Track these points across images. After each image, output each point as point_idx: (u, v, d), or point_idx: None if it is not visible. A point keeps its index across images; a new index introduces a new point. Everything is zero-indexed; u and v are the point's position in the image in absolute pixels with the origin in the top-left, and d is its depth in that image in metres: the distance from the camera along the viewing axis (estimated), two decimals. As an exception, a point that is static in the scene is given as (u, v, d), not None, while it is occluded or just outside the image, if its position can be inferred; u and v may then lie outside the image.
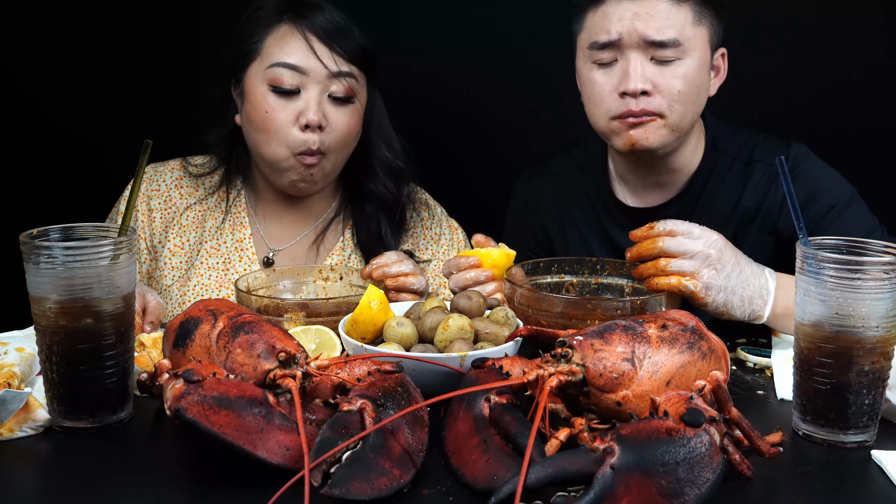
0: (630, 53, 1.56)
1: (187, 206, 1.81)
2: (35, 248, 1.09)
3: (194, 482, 1.01)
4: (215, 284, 1.78)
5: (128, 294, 1.15)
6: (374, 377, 1.06)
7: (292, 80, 1.68)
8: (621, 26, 1.56)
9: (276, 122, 1.68)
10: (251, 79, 1.72)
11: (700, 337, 1.09)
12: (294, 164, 1.71)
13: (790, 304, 1.36)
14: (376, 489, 0.91)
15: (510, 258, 1.57)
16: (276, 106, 1.68)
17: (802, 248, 1.12)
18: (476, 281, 1.54)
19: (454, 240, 1.93)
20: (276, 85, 1.68)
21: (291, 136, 1.68)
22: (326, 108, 1.70)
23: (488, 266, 1.56)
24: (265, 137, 1.70)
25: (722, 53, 1.67)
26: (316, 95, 1.69)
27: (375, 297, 1.33)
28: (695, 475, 0.86)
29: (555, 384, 1.03)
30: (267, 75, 1.69)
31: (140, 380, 1.18)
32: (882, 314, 1.07)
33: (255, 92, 1.70)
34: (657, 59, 1.56)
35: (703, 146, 1.72)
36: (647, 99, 1.57)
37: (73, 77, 2.41)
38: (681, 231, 1.41)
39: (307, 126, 1.68)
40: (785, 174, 1.20)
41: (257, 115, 1.70)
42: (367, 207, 1.85)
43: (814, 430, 1.12)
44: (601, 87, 1.60)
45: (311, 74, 1.68)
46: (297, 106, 1.68)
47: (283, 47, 1.69)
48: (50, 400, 1.13)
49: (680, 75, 1.57)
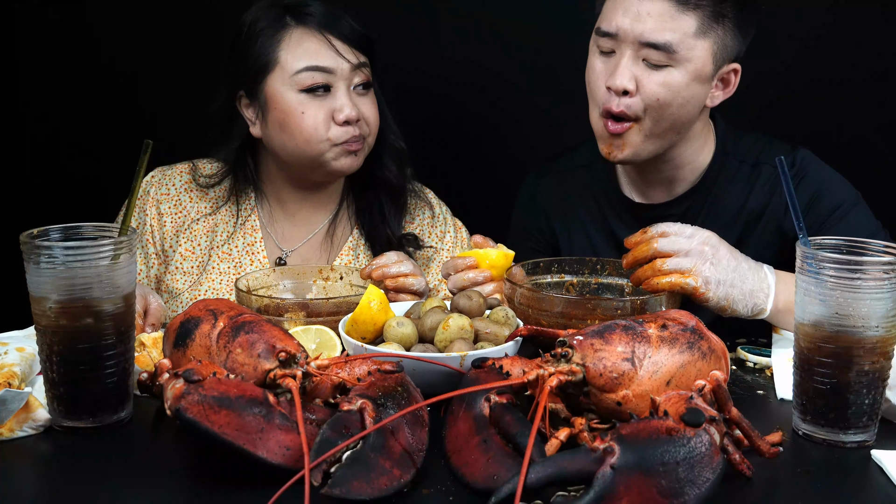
0: (625, 49, 1.56)
1: (199, 213, 1.83)
2: (35, 248, 1.09)
3: (194, 482, 1.01)
4: (227, 288, 1.79)
5: (128, 294, 1.15)
6: (375, 377, 1.06)
7: (322, 81, 1.72)
8: (623, 20, 1.55)
9: (312, 123, 1.72)
10: (275, 88, 1.73)
11: (700, 337, 1.09)
12: (338, 152, 1.75)
13: (791, 300, 1.36)
14: (376, 489, 0.91)
15: (509, 259, 1.57)
16: (309, 107, 1.72)
17: (802, 248, 1.12)
18: (474, 282, 1.54)
19: (458, 238, 1.94)
20: (307, 88, 1.72)
21: (332, 131, 1.73)
22: (356, 100, 1.76)
23: (486, 267, 1.56)
24: (302, 138, 1.73)
25: (734, 69, 1.62)
26: (345, 91, 1.74)
27: (375, 296, 1.33)
28: (695, 475, 0.86)
29: (555, 384, 1.03)
30: (295, 81, 1.72)
31: (140, 379, 1.18)
32: (882, 314, 1.07)
33: (285, 99, 1.73)
34: (648, 60, 1.55)
35: (712, 147, 1.72)
36: (627, 101, 1.56)
37: (74, 77, 2.41)
38: (673, 231, 1.42)
39: (346, 122, 1.73)
40: (785, 174, 1.21)
41: (291, 120, 1.73)
42: (369, 195, 1.88)
43: (814, 429, 1.12)
44: (597, 75, 1.61)
45: (338, 72, 1.73)
46: (331, 104, 1.73)
47: (305, 51, 1.73)
48: (50, 400, 1.13)
49: (665, 83, 1.55)
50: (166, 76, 2.38)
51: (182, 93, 2.31)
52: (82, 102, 2.43)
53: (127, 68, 2.39)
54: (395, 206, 1.88)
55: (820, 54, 2.16)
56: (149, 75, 2.39)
